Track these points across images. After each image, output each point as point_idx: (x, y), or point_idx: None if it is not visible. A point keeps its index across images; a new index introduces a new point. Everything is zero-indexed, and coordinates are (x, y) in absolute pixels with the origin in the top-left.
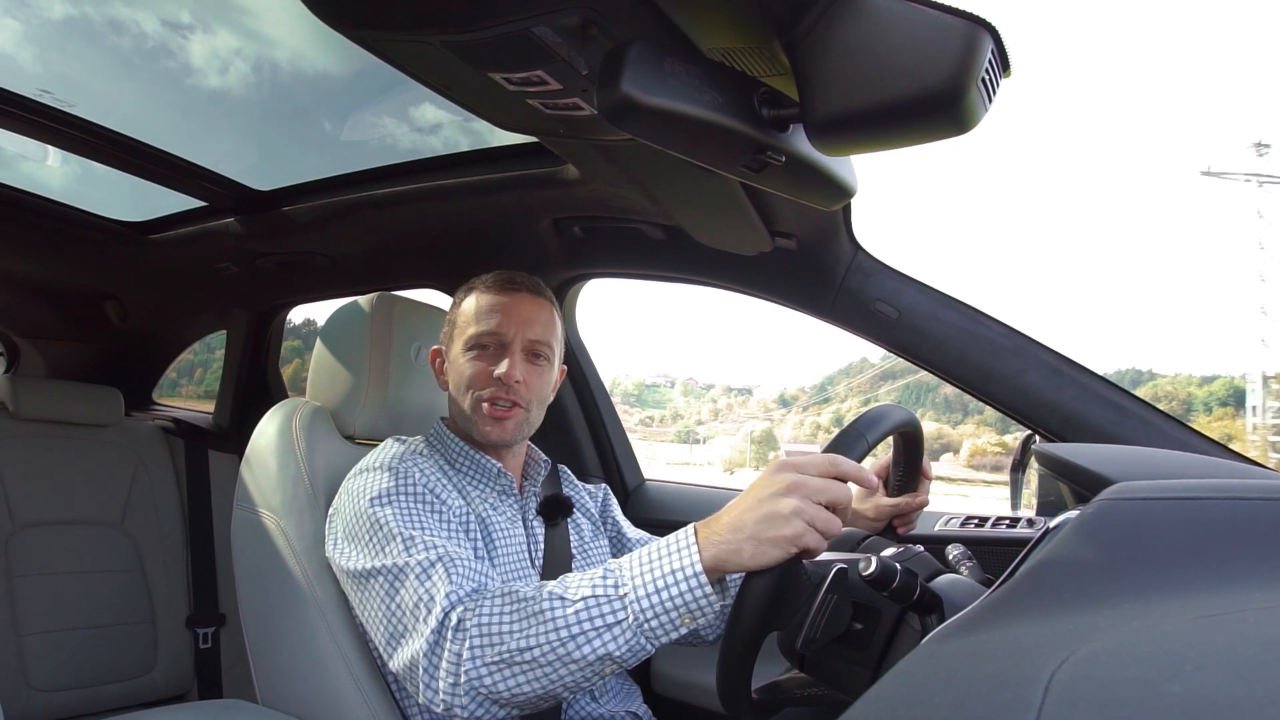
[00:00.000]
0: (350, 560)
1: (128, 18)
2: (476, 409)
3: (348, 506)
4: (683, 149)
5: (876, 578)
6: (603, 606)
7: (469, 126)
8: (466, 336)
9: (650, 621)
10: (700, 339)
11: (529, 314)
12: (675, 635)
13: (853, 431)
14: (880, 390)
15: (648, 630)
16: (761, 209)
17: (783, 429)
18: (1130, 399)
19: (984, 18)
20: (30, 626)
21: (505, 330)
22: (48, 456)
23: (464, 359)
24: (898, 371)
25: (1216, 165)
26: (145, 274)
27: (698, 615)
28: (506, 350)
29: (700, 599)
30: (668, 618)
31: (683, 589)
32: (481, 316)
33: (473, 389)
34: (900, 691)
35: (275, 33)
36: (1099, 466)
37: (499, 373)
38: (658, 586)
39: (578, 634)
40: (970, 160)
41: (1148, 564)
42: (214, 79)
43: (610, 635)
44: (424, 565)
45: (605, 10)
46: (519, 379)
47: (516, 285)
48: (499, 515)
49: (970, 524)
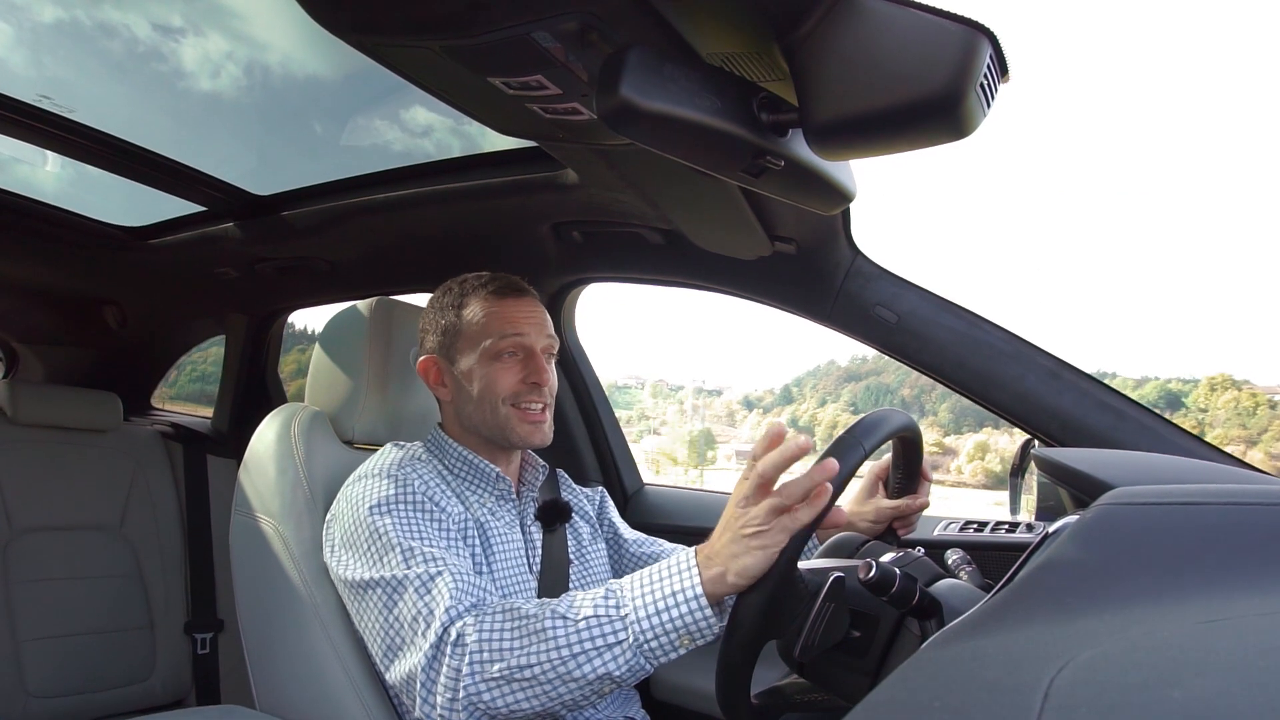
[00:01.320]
0: (348, 569)
1: (119, 21)
2: (512, 416)
3: (346, 514)
4: (682, 154)
5: (875, 582)
6: (604, 626)
7: (466, 130)
8: (486, 346)
9: (650, 642)
10: (675, 341)
11: (540, 317)
12: (674, 656)
13: (849, 438)
14: (842, 391)
15: (647, 651)
16: (761, 213)
17: (742, 429)
18: (1129, 404)
19: (983, 23)
20: (28, 632)
21: (528, 335)
22: (46, 462)
23: (490, 368)
24: (861, 373)
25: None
26: (144, 279)
27: (697, 637)
28: (532, 356)
29: (700, 621)
30: (667, 639)
31: (683, 611)
32: (501, 325)
33: (504, 395)
34: (899, 696)
35: (268, 36)
36: (1098, 471)
37: (533, 379)
38: (659, 608)
39: (579, 653)
40: (948, 165)
41: (1147, 569)
42: (207, 83)
43: (611, 655)
44: (423, 578)
45: (604, 15)
46: (550, 382)
47: (522, 290)
48: (497, 521)
49: (970, 529)
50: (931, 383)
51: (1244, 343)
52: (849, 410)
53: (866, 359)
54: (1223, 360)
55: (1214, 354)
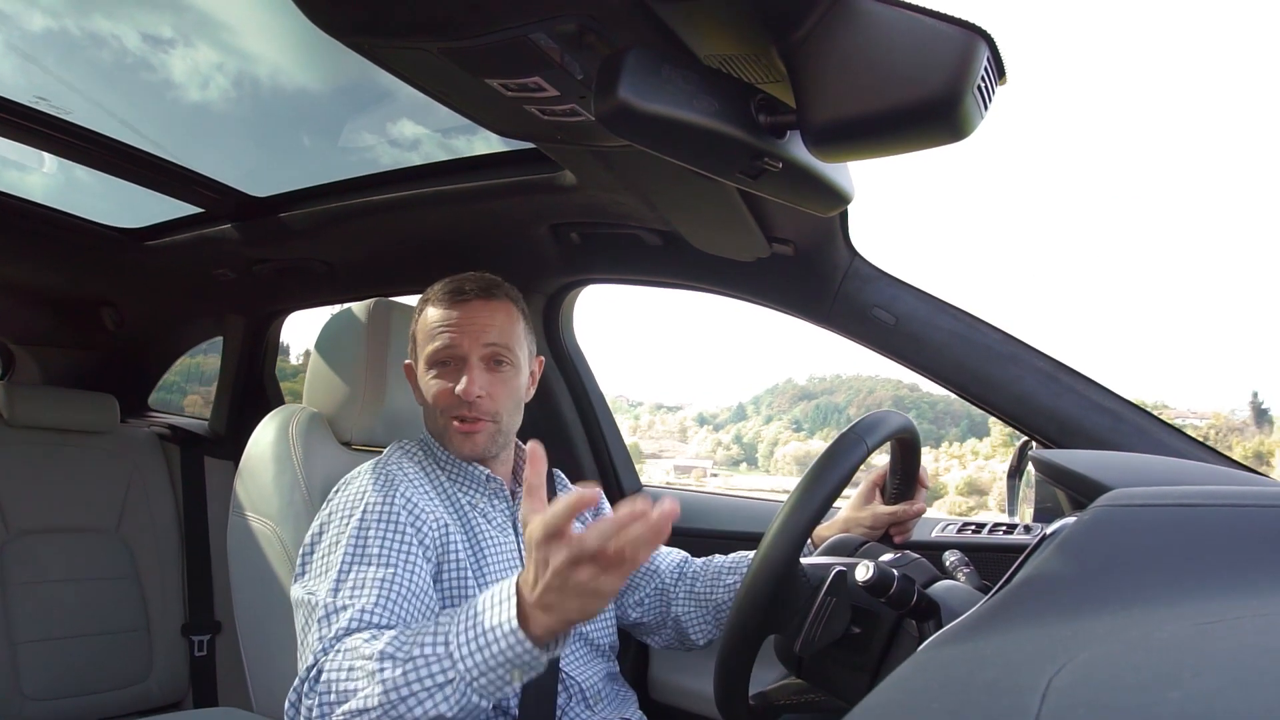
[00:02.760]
0: (298, 580)
1: (107, 31)
2: (447, 426)
3: (315, 523)
4: (680, 155)
5: (874, 583)
6: (431, 666)
7: (453, 145)
8: (426, 354)
9: (479, 680)
10: (646, 356)
11: (482, 322)
12: (511, 690)
13: (851, 436)
14: (795, 409)
15: (479, 688)
16: (758, 215)
17: (691, 444)
18: (1127, 406)
19: (980, 26)
20: (24, 635)
21: (458, 344)
22: (43, 463)
23: (427, 377)
24: (816, 391)
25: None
26: (142, 280)
27: (526, 670)
28: (464, 365)
29: (523, 654)
30: (495, 675)
31: (503, 645)
32: (435, 333)
33: (438, 407)
34: (897, 698)
35: (266, 34)
36: (1096, 473)
37: (459, 390)
38: (479, 645)
39: (407, 695)
40: (941, 168)
41: (1145, 571)
42: (197, 90)
43: (442, 695)
44: (329, 609)
45: (603, 17)
46: (480, 393)
47: (465, 294)
48: (488, 522)
49: (967, 530)
50: (875, 401)
51: (1163, 366)
52: (791, 428)
53: (824, 379)
54: (1142, 384)
55: (1134, 377)
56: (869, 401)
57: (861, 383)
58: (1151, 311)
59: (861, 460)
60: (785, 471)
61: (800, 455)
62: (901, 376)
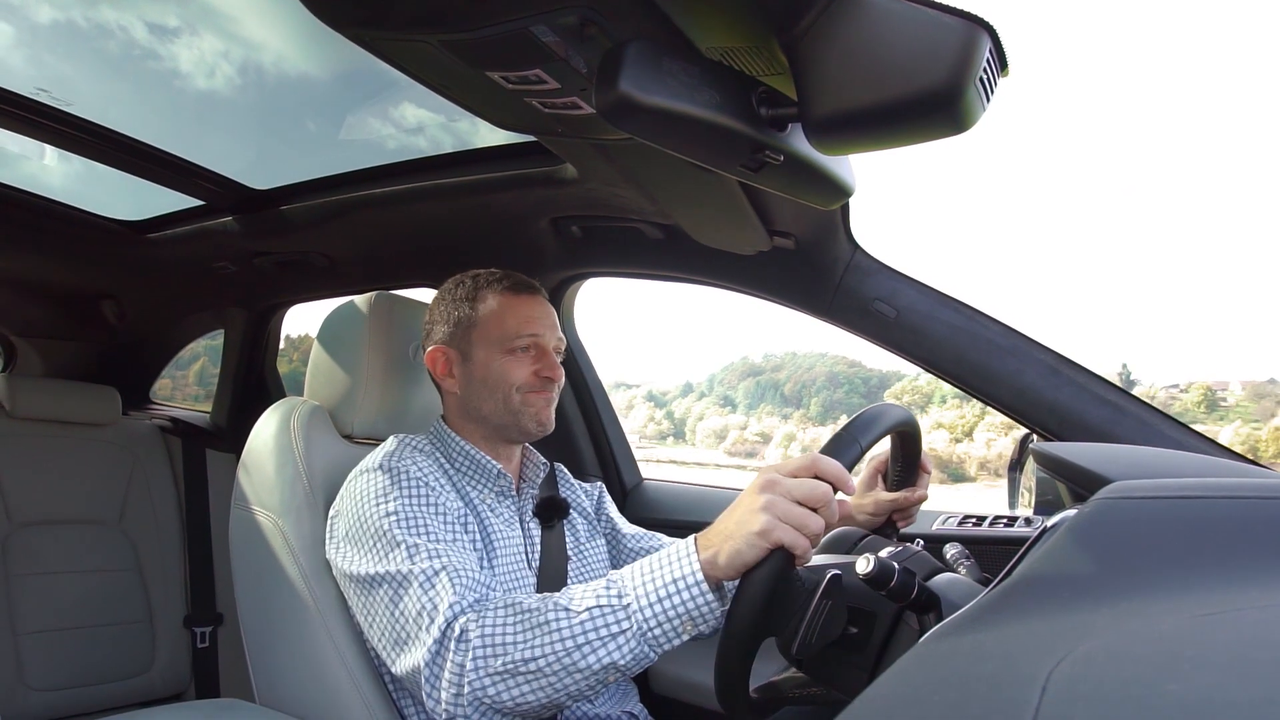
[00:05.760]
0: (353, 564)
1: (114, 21)
2: (525, 404)
3: (350, 509)
4: (681, 148)
5: (874, 576)
6: (607, 616)
7: (458, 127)
8: (503, 341)
9: (654, 630)
10: (620, 338)
11: (553, 318)
12: (678, 642)
13: (846, 436)
14: (739, 386)
15: (650, 639)
16: (760, 208)
17: (630, 420)
18: (1128, 398)
19: (982, 17)
20: (27, 626)
21: (543, 334)
22: (45, 456)
23: (504, 361)
24: (764, 369)
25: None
26: (143, 273)
27: (699, 623)
28: (545, 353)
29: (702, 606)
30: (670, 626)
31: (685, 597)
32: (517, 321)
33: (520, 384)
34: (898, 691)
35: (269, 22)
36: (1097, 465)
37: (546, 373)
38: (660, 595)
39: (583, 644)
40: (940, 161)
41: (1145, 563)
42: (203, 79)
43: (615, 644)
44: (428, 574)
45: (604, 9)
46: (561, 378)
47: (535, 289)
48: (496, 517)
49: (968, 523)
50: (811, 378)
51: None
52: (719, 404)
53: (777, 356)
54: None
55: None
56: (805, 378)
57: (800, 359)
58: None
59: (857, 460)
60: (707, 445)
61: (719, 429)
62: (844, 353)
